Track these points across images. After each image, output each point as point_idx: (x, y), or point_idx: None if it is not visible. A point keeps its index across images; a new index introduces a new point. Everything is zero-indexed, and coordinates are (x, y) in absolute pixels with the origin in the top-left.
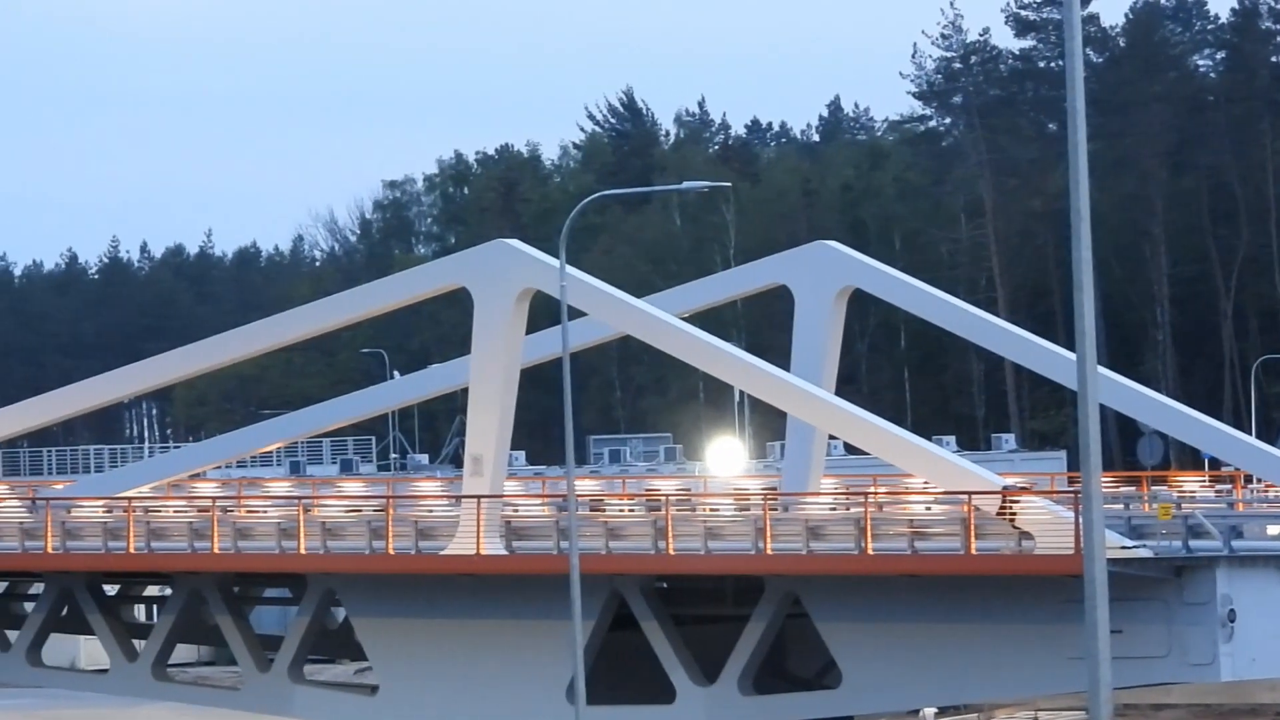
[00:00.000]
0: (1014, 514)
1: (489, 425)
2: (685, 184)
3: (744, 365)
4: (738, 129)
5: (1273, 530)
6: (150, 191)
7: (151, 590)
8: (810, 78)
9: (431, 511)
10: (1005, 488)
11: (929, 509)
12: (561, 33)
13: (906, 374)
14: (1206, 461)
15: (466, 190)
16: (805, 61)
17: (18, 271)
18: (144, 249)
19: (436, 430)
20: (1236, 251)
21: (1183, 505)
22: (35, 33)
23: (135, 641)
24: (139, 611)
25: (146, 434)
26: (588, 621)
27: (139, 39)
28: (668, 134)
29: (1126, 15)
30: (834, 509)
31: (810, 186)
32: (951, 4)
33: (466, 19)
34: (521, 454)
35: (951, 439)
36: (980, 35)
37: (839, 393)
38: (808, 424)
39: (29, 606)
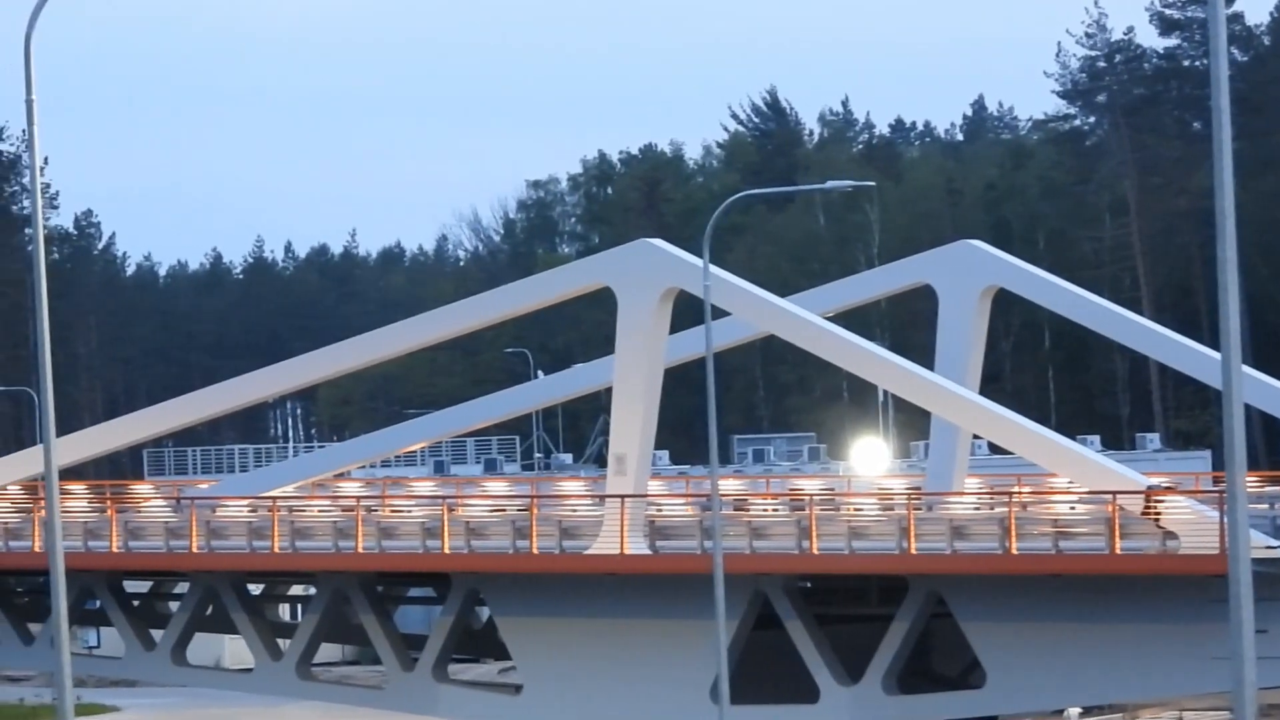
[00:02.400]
0: (1159, 514)
1: (633, 425)
2: (829, 183)
3: (888, 365)
4: (881, 128)
5: None
6: (295, 191)
7: (296, 590)
8: (954, 77)
9: (575, 511)
10: (1150, 487)
11: (1073, 509)
12: (705, 32)
13: (1050, 373)
14: None
15: (610, 190)
16: (949, 61)
17: (163, 272)
18: (288, 249)
19: (580, 430)
20: None
21: None
22: (181, 34)
23: (280, 641)
24: (283, 611)
25: (291, 433)
26: (731, 621)
27: (285, 40)
28: (811, 133)
29: (1271, 14)
30: (978, 509)
31: (954, 186)
32: (1096, 3)
33: (611, 18)
34: (665, 453)
35: (1096, 438)
36: (1124, 34)
37: (983, 392)
38: (952, 423)
39: (174, 606)
